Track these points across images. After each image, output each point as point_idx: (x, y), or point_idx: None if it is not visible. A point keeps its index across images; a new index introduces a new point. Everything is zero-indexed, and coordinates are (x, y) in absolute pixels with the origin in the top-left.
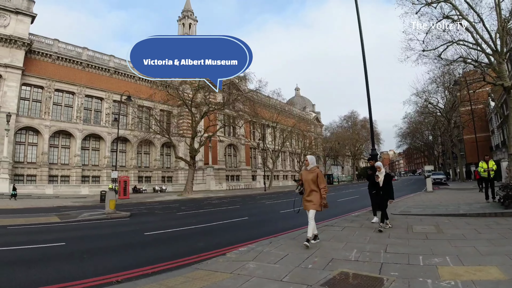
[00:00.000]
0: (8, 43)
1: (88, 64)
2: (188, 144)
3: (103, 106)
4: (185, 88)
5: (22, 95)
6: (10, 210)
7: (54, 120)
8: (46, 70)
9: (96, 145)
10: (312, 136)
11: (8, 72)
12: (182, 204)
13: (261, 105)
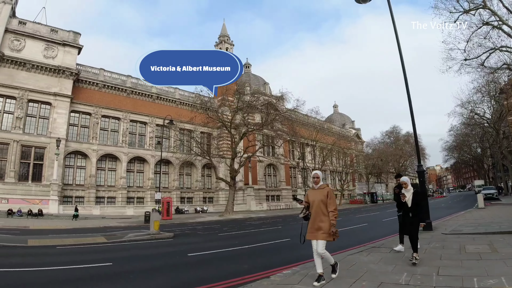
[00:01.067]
0: (57, 73)
1: (132, 91)
2: (228, 165)
3: (146, 130)
4: (224, 110)
5: (71, 122)
6: (59, 230)
7: (101, 144)
8: (93, 98)
9: (141, 168)
10: (353, 153)
11: (58, 100)
12: (223, 224)
13: (299, 124)
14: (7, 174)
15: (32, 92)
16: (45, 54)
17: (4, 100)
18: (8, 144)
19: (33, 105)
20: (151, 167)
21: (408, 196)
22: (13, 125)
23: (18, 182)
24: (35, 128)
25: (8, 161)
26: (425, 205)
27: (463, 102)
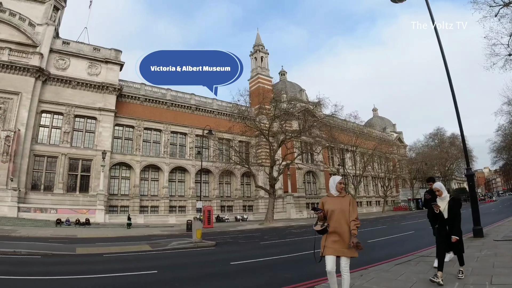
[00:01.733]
0: (101, 89)
1: (172, 103)
2: (267, 173)
3: (187, 141)
4: (261, 119)
5: (115, 134)
6: (106, 238)
7: (144, 156)
8: (136, 111)
9: (182, 177)
10: (395, 158)
11: (103, 115)
12: (264, 233)
13: (338, 130)
14: (56, 186)
15: (78, 108)
16: (89, 71)
17: (52, 116)
18: (56, 157)
19: (80, 120)
20: (191, 176)
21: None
22: (61, 139)
23: (66, 193)
24: (82, 142)
25: (56, 173)
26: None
27: (510, 100)
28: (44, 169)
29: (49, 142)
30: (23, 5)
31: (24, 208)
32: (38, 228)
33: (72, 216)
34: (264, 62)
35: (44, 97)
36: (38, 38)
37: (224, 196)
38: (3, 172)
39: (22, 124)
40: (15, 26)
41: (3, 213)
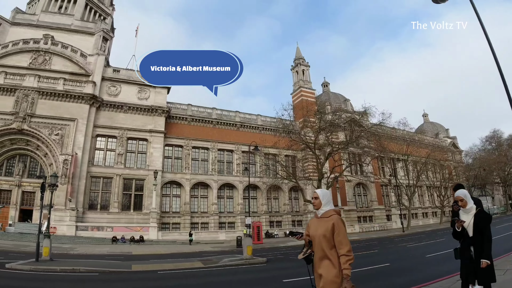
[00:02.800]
0: (150, 112)
1: (218, 122)
2: (315, 186)
3: (233, 158)
4: (306, 132)
5: (165, 154)
6: (159, 255)
7: (193, 174)
8: (184, 131)
9: (230, 194)
10: (450, 165)
11: (153, 136)
12: None
13: (387, 138)
14: (112, 205)
15: (130, 131)
16: (139, 96)
17: (106, 139)
18: (111, 178)
19: (132, 142)
20: (239, 192)
21: (468, 220)
22: (115, 160)
23: (121, 211)
24: (134, 162)
25: (112, 193)
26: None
27: None
28: (100, 189)
29: (104, 164)
30: (74, 37)
31: (82, 226)
32: (95, 246)
33: (127, 233)
34: (306, 75)
35: (99, 122)
36: (90, 67)
37: (273, 211)
38: (62, 194)
39: (79, 148)
40: (68, 58)
41: (62, 232)
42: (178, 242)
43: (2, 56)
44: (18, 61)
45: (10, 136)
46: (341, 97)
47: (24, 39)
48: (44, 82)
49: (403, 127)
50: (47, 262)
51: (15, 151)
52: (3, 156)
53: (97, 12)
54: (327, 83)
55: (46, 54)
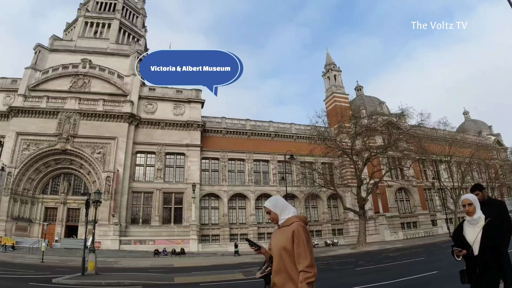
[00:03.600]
0: (186, 127)
1: (252, 133)
2: (354, 193)
3: (269, 167)
4: (342, 138)
5: (202, 167)
6: (200, 267)
7: (230, 185)
8: (219, 144)
9: None
10: (496, 163)
11: (190, 150)
12: (358, 258)
13: (427, 140)
14: (153, 219)
15: (168, 146)
16: (175, 112)
17: (145, 155)
18: (152, 192)
19: (170, 157)
20: None
21: (474, 235)
22: (155, 175)
23: (162, 225)
24: (173, 177)
25: (153, 207)
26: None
27: None
28: (141, 204)
29: (144, 179)
30: (110, 60)
31: (125, 240)
32: (138, 259)
33: (168, 246)
34: (338, 80)
35: (138, 139)
36: (127, 87)
37: (312, 220)
38: (105, 209)
39: (120, 164)
40: (105, 80)
41: (106, 246)
42: (218, 253)
43: (43, 81)
44: (59, 85)
45: (54, 157)
46: (376, 100)
47: (63, 64)
48: (84, 104)
49: (443, 127)
50: (92, 276)
51: (60, 170)
52: (48, 175)
53: (130, 35)
54: (361, 86)
55: (85, 77)
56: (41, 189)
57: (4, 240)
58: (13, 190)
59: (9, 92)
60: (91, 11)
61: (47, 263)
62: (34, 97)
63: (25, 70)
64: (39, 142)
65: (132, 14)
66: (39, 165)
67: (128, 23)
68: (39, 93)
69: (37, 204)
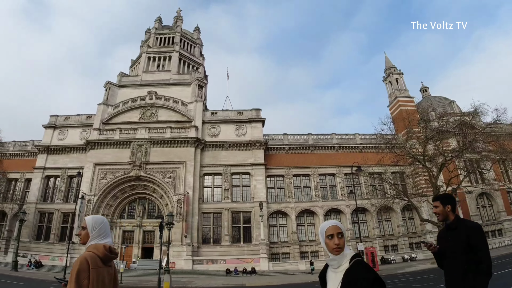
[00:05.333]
0: (249, 146)
1: (315, 147)
2: (431, 203)
3: (336, 181)
4: (412, 144)
5: (268, 185)
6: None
7: (297, 202)
8: (283, 161)
9: (337, 219)
10: None
11: (254, 169)
12: (440, 273)
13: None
14: (223, 238)
15: (233, 166)
16: (237, 133)
17: (212, 177)
18: (220, 212)
19: (236, 177)
20: (347, 217)
21: (336, 284)
22: (223, 196)
23: (232, 244)
24: (240, 196)
25: (222, 227)
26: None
27: None
28: (211, 224)
29: (213, 200)
30: (174, 90)
31: (197, 260)
32: (210, 278)
33: (239, 265)
34: (400, 83)
35: (204, 161)
36: (191, 114)
37: (386, 234)
38: (178, 231)
39: (190, 187)
40: (171, 108)
41: (180, 267)
42: (289, 272)
43: (115, 115)
44: (130, 117)
45: (129, 183)
46: (444, 100)
47: (132, 98)
48: (153, 133)
49: None
50: None
51: (135, 195)
52: (125, 201)
53: (190, 64)
54: (426, 87)
55: (152, 108)
56: (119, 214)
57: None
58: None
59: (85, 127)
60: (152, 47)
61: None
62: (108, 130)
63: (98, 106)
64: (115, 171)
65: (189, 45)
66: (116, 191)
67: (186, 54)
68: (112, 126)
69: (115, 228)
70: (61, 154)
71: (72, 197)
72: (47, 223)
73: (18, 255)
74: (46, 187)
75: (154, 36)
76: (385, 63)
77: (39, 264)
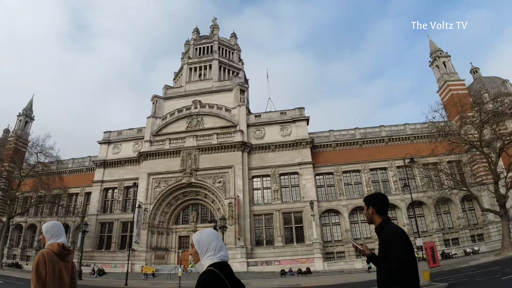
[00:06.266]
0: (295, 146)
1: (363, 141)
2: (491, 191)
3: (388, 175)
4: (467, 130)
5: (317, 184)
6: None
7: (349, 199)
8: (330, 158)
9: (393, 214)
10: None
11: (302, 168)
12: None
13: None
14: (276, 239)
15: (281, 167)
16: (282, 133)
17: (261, 179)
18: (271, 214)
19: (284, 177)
20: (403, 212)
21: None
22: (273, 197)
23: (285, 245)
24: (290, 196)
25: (274, 228)
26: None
27: None
28: (263, 226)
29: (263, 201)
30: (216, 97)
31: (252, 262)
32: (265, 280)
33: (293, 266)
34: (448, 66)
35: (252, 164)
36: (235, 118)
37: (445, 228)
38: (231, 234)
39: (239, 190)
40: (215, 115)
41: (235, 269)
42: (345, 271)
43: (163, 126)
44: (177, 127)
45: (182, 190)
46: (497, 79)
47: (178, 109)
48: (201, 140)
49: None
50: None
51: (188, 201)
52: (179, 207)
53: (230, 70)
54: (476, 68)
55: (198, 116)
56: (174, 220)
57: (145, 269)
58: (150, 224)
59: (136, 140)
60: (192, 57)
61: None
62: (158, 141)
63: (147, 119)
64: (167, 179)
65: (227, 52)
66: (170, 199)
67: (225, 61)
68: (162, 136)
69: (171, 234)
70: (117, 167)
71: (129, 207)
72: (107, 233)
73: (82, 264)
74: (105, 198)
75: (193, 47)
76: (430, 47)
77: (102, 272)
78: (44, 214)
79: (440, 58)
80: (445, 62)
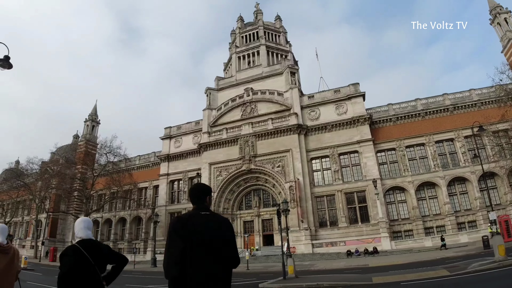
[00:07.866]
0: (352, 124)
1: (426, 112)
2: None
3: (456, 146)
4: None
5: (379, 161)
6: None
7: (414, 175)
8: (391, 133)
9: (463, 188)
10: None
11: (362, 146)
12: None
13: None
14: (339, 220)
15: (339, 147)
16: (337, 112)
17: (320, 160)
18: (333, 194)
19: (344, 157)
20: (474, 185)
21: None
22: (333, 178)
23: (349, 225)
24: (351, 176)
25: (337, 209)
26: None
27: None
28: (326, 207)
29: (324, 183)
30: (267, 82)
31: (317, 244)
32: (331, 261)
33: (359, 246)
34: (511, 23)
35: (309, 146)
36: (288, 102)
37: None
38: (294, 216)
39: (299, 173)
40: (268, 100)
41: (300, 251)
42: (414, 250)
43: (219, 117)
44: (232, 116)
45: (242, 177)
46: None
47: (231, 98)
48: (256, 126)
49: None
50: (293, 279)
51: (249, 187)
52: (241, 193)
53: (278, 54)
54: None
55: (251, 103)
56: (237, 206)
57: None
58: (215, 211)
59: (195, 132)
60: (239, 46)
61: (251, 270)
62: (216, 132)
63: (203, 111)
64: (228, 167)
65: (273, 35)
66: (232, 186)
67: (272, 45)
68: (218, 127)
69: (236, 219)
70: (180, 160)
71: None
72: None
73: (156, 253)
74: (172, 190)
75: (239, 36)
76: (488, 3)
77: None
78: (118, 209)
79: (501, 14)
80: (506, 19)
